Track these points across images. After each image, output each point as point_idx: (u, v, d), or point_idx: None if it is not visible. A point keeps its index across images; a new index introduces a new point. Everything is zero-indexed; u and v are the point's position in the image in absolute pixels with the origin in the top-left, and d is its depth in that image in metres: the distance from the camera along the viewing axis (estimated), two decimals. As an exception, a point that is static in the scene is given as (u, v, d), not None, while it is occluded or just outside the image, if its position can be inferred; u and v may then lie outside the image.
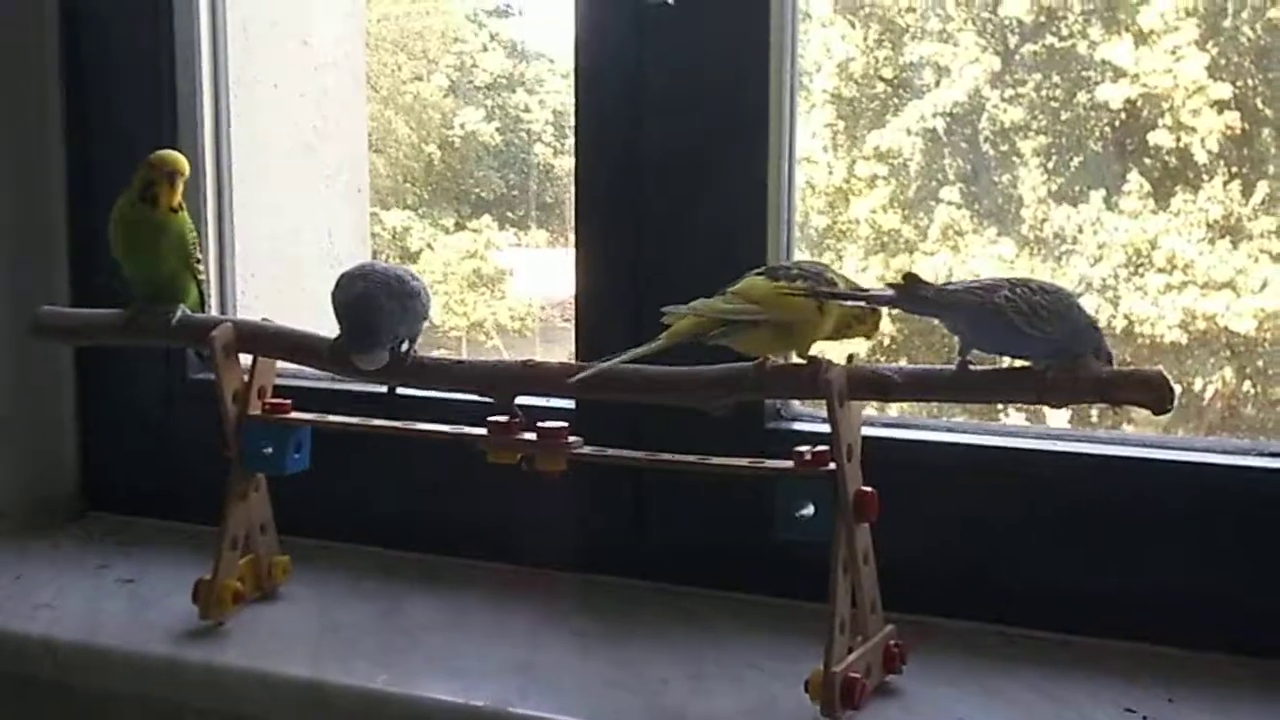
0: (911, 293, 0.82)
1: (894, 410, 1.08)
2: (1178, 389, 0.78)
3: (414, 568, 1.14)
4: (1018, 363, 0.83)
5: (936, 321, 0.86)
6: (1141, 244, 3.49)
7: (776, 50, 1.03)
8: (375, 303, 0.94)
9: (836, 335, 0.89)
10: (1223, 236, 3.40)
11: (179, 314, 1.03)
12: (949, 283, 0.83)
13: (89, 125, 1.26)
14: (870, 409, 0.91)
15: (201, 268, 1.06)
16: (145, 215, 1.02)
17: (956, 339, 0.84)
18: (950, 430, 1.02)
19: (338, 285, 0.97)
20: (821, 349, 0.89)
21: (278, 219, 1.26)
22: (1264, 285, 3.33)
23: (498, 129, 4.55)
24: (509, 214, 4.51)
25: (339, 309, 0.96)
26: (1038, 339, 0.80)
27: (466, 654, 0.96)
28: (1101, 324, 0.82)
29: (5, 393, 1.27)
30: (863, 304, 0.86)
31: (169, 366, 1.25)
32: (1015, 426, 1.03)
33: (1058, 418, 1.14)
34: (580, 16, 1.08)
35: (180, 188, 1.02)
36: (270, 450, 1.01)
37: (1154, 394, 0.79)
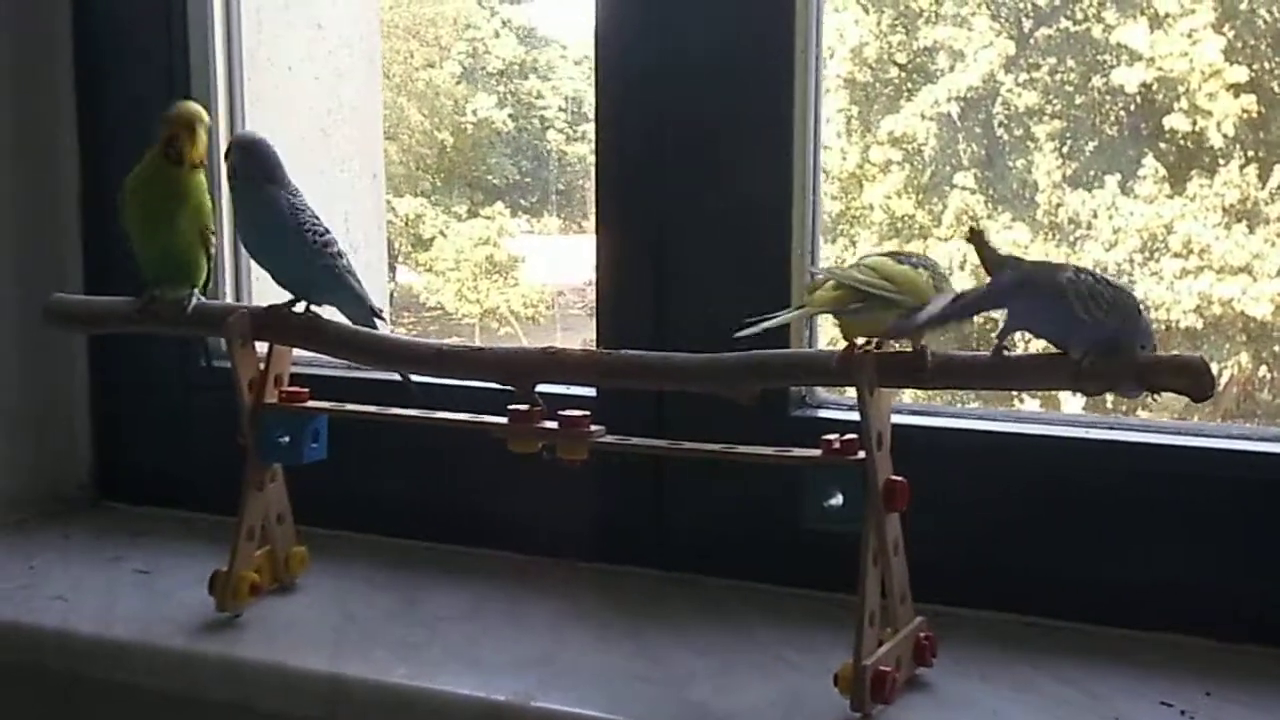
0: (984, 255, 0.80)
1: (908, 396, 1.06)
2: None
3: (433, 558, 1.12)
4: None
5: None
6: (1157, 228, 3.47)
7: (801, 33, 1.01)
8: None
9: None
10: (1239, 220, 3.38)
11: (194, 301, 1.01)
12: (1012, 256, 0.80)
13: (102, 109, 1.25)
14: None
15: (214, 240, 1.04)
16: (169, 174, 0.99)
17: (1000, 321, 0.81)
18: (981, 418, 1.00)
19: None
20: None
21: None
22: (1280, 270, 3.31)
23: (510, 115, 4.55)
24: (522, 201, 4.51)
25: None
26: (1089, 325, 0.77)
27: (486, 646, 0.94)
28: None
29: (17, 381, 1.25)
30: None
31: (184, 354, 1.23)
32: (1049, 414, 1.02)
33: (1093, 404, 1.12)
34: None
35: (203, 140, 1.00)
36: (287, 440, 0.99)
37: (1193, 380, 0.77)
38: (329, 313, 1.02)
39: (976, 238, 0.81)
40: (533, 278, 4.29)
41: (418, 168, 4.51)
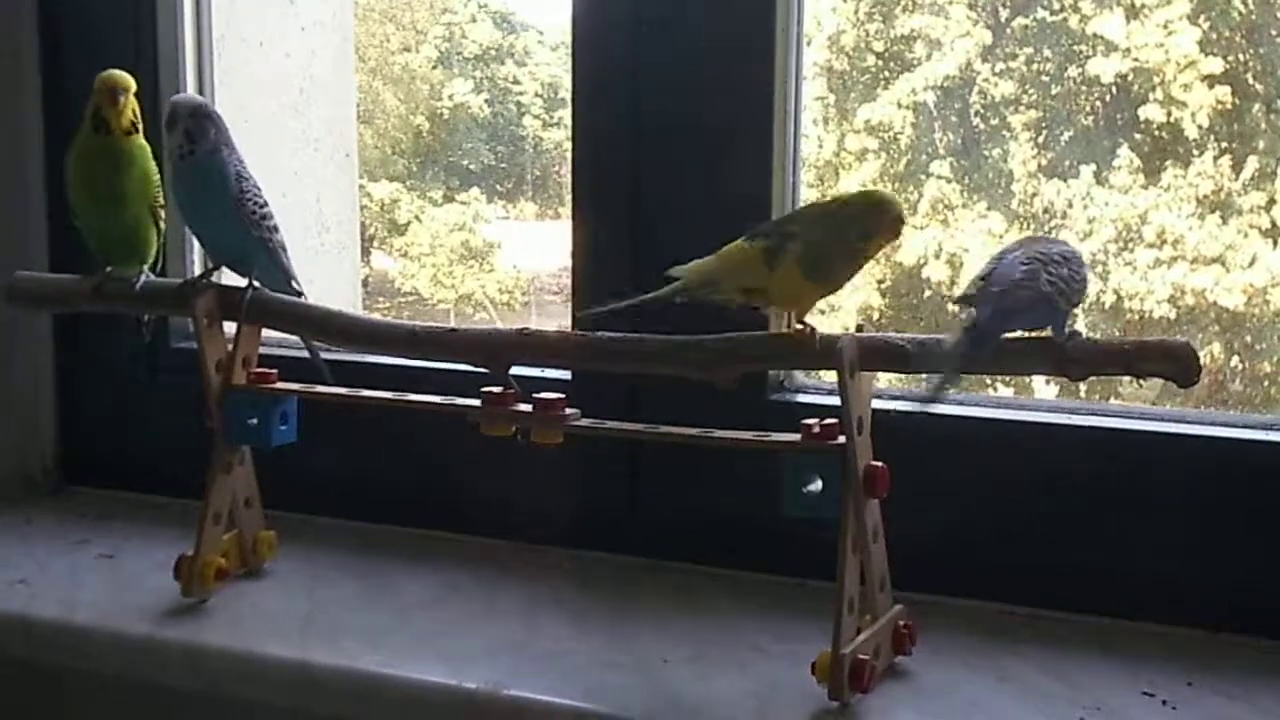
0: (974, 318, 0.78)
1: (883, 380, 1.05)
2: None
3: (404, 543, 1.11)
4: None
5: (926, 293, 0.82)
6: (1131, 219, 3.47)
7: (782, 17, 1.00)
8: None
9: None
10: (1212, 211, 3.39)
11: (143, 279, 1.00)
12: (986, 276, 0.79)
13: (68, 85, 1.22)
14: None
15: (164, 213, 1.02)
16: (100, 144, 0.98)
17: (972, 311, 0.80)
18: (961, 403, 0.99)
19: None
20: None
21: (263, 183, 1.22)
22: (1253, 260, 3.33)
23: (486, 101, 4.52)
24: (498, 186, 4.48)
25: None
26: (1067, 313, 0.77)
27: (458, 633, 0.93)
28: (1091, 298, 0.80)
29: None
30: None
31: (151, 334, 1.21)
32: (1028, 400, 1.01)
33: (1070, 390, 1.11)
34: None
35: (128, 105, 0.98)
36: (255, 422, 0.97)
37: (1179, 365, 0.76)
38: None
39: (965, 299, 0.79)
40: (509, 263, 4.27)
41: (393, 152, 4.49)
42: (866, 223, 0.82)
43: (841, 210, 0.83)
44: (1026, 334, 0.80)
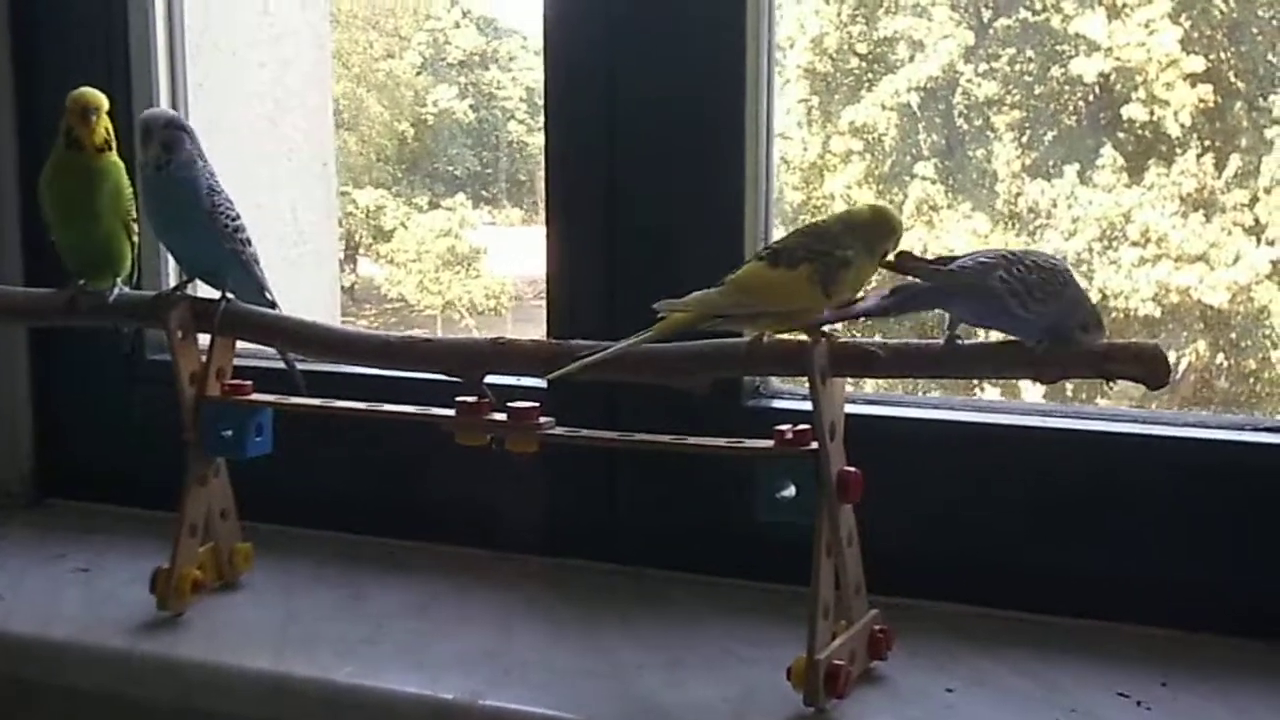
0: (909, 277, 0.80)
1: (869, 386, 1.05)
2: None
3: (380, 554, 1.10)
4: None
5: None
6: (1115, 217, 3.49)
7: (753, 20, 1.00)
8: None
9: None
10: (1196, 210, 3.41)
11: (116, 292, 1.00)
12: (943, 258, 0.79)
13: (40, 97, 1.22)
14: (847, 384, 0.88)
15: (137, 228, 1.02)
16: (74, 161, 0.98)
17: (945, 315, 0.81)
18: (935, 407, 0.99)
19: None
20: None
21: (238, 194, 1.22)
22: (1237, 258, 3.35)
23: (471, 106, 4.52)
24: (483, 192, 4.49)
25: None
26: (1030, 320, 0.77)
27: (434, 643, 0.92)
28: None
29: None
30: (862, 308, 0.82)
31: (131, 345, 1.20)
32: (1007, 403, 1.01)
33: (1049, 393, 1.11)
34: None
35: (100, 123, 0.98)
36: (230, 433, 0.97)
37: (1148, 368, 0.76)
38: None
39: (904, 262, 0.79)
40: (494, 269, 4.28)
41: (378, 159, 4.49)
42: (889, 239, 0.83)
43: (871, 228, 0.83)
44: (1003, 337, 0.81)
